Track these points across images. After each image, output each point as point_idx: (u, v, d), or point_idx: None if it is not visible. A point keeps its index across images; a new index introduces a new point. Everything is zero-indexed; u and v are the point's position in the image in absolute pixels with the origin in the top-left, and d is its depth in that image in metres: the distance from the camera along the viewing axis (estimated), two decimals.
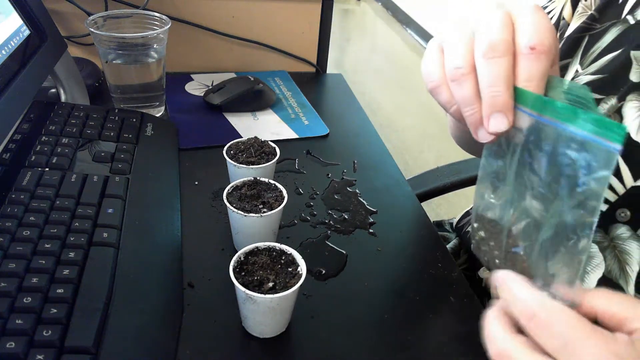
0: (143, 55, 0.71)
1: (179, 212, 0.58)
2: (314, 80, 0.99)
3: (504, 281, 0.32)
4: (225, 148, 0.59)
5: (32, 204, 0.49)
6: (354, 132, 0.82)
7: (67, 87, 0.70)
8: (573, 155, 0.30)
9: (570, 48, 0.53)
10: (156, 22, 0.74)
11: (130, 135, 0.64)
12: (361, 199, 0.66)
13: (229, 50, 0.96)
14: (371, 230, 0.61)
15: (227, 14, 0.92)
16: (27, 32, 0.61)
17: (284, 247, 0.47)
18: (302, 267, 0.45)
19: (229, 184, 0.54)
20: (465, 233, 0.72)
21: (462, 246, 0.73)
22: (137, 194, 0.55)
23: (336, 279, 0.54)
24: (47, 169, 0.54)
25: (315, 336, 0.47)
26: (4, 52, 0.55)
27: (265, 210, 0.51)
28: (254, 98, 0.81)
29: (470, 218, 0.47)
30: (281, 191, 0.54)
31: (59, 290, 0.41)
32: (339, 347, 0.47)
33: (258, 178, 0.55)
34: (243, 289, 0.42)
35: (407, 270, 0.57)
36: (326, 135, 0.79)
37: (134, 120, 0.67)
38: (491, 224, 0.36)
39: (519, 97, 0.32)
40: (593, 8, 0.52)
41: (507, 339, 0.30)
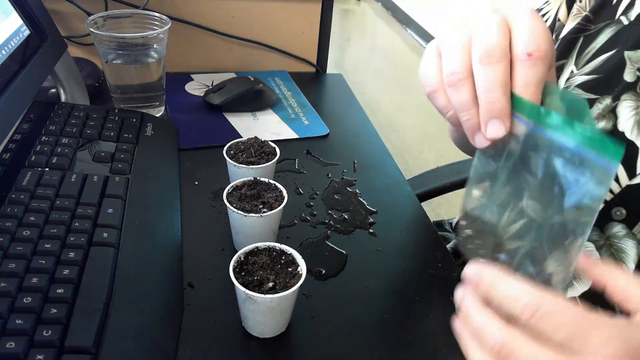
0: (143, 55, 0.72)
1: (179, 212, 0.58)
2: (314, 80, 0.98)
3: (488, 276, 0.31)
4: (225, 148, 0.59)
5: (32, 204, 0.49)
6: (354, 132, 0.82)
7: (67, 87, 0.70)
8: (568, 170, 0.30)
9: (565, 49, 0.53)
10: (156, 22, 0.74)
11: (130, 135, 0.64)
12: (361, 199, 0.66)
13: (229, 50, 0.96)
14: (371, 230, 0.61)
15: (227, 14, 0.92)
16: (27, 32, 0.61)
17: (284, 247, 0.47)
18: (302, 267, 0.45)
19: (229, 184, 0.54)
20: None
21: None
22: (137, 194, 0.55)
23: (336, 279, 0.54)
24: (47, 169, 0.54)
25: (315, 336, 0.47)
26: (4, 52, 0.55)
27: (265, 210, 0.51)
28: (254, 98, 0.81)
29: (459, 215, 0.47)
30: (281, 191, 0.54)
31: (59, 290, 0.41)
32: (339, 347, 0.47)
33: (258, 178, 0.55)
34: (243, 289, 0.42)
35: (407, 270, 0.57)
36: (326, 135, 0.79)
37: (134, 120, 0.67)
38: (479, 222, 0.37)
39: (516, 105, 0.32)
40: (588, 9, 0.52)
41: (505, 330, 0.29)
